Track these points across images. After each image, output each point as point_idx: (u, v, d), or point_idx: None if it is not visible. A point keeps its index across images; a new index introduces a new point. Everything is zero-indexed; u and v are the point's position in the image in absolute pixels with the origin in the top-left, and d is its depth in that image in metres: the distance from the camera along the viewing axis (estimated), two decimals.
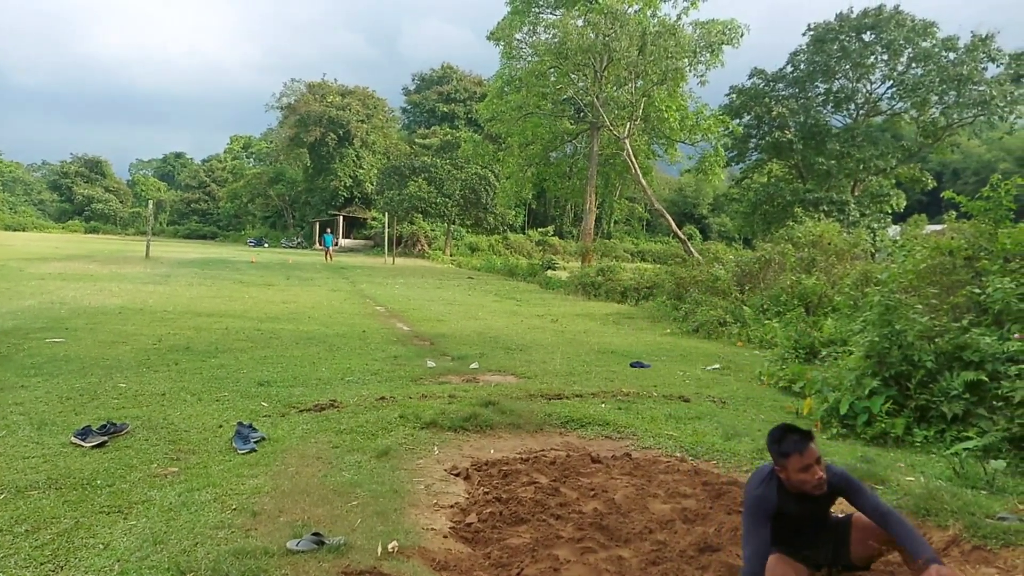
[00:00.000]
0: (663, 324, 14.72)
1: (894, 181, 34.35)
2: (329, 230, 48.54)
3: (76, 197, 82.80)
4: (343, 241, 57.75)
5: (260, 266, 29.74)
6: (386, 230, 43.35)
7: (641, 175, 29.35)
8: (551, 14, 32.14)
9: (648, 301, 18.35)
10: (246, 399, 6.52)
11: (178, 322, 11.45)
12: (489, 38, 32.27)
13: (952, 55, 30.06)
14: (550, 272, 30.44)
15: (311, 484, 4.36)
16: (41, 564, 3.19)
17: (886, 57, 31.67)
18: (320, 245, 50.37)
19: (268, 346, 9.58)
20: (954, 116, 30.37)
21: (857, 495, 2.95)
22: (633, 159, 28.70)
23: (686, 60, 27.48)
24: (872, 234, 25.37)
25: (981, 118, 30.08)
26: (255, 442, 5.08)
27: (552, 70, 29.80)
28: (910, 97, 31.02)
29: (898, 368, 6.09)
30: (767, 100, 33.26)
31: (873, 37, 31.62)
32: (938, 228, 13.33)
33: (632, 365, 9.42)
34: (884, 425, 5.88)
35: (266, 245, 61.99)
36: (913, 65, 31.16)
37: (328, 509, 3.97)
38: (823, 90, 33.55)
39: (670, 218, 29.71)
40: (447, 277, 29.04)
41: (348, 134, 59.59)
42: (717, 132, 30.58)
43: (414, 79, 74.31)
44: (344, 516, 3.88)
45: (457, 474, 4.81)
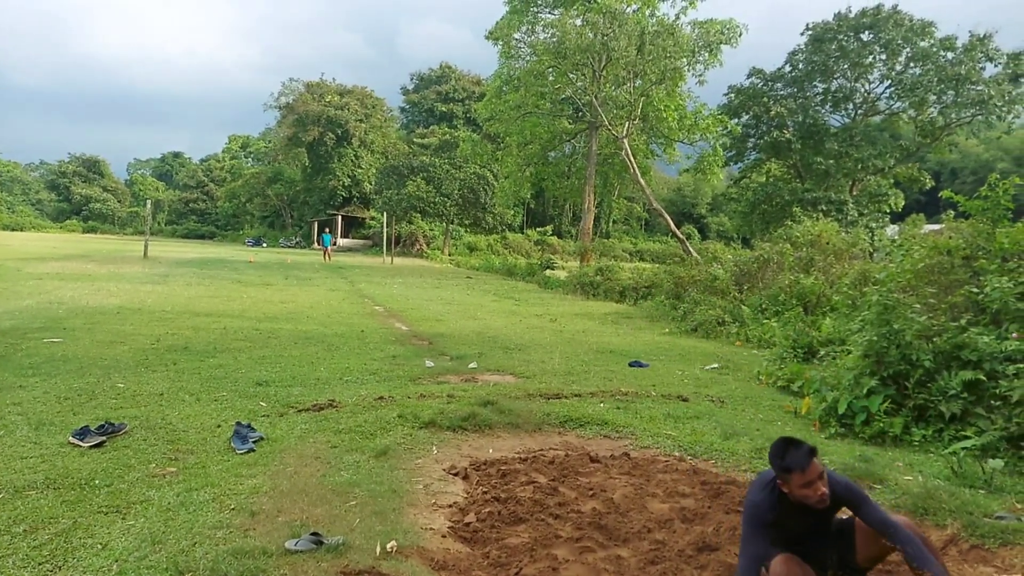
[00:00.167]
0: (662, 324, 14.73)
1: (892, 181, 34.38)
2: (327, 230, 48.51)
3: (74, 197, 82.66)
4: (341, 241, 57.72)
5: (258, 266, 29.72)
6: (384, 230, 43.32)
7: (639, 175, 29.36)
8: (549, 14, 32.11)
9: (647, 301, 18.35)
10: (244, 399, 6.52)
11: (176, 322, 11.44)
12: (487, 38, 32.25)
13: (950, 55, 30.10)
14: (549, 272, 30.43)
15: (309, 484, 4.36)
16: (39, 564, 3.19)
17: (884, 57, 31.69)
18: (318, 245, 50.35)
19: (266, 346, 9.57)
20: (952, 116, 30.40)
21: (862, 507, 2.90)
22: (631, 159, 28.70)
23: (684, 60, 27.47)
24: (870, 233, 25.44)
25: (979, 118, 30.11)
26: (253, 442, 5.08)
27: (550, 70, 29.79)
28: (908, 97, 31.04)
29: (896, 367, 6.10)
30: (765, 100, 33.27)
31: (871, 37, 31.64)
32: (936, 227, 13.37)
33: (631, 364, 9.42)
34: (882, 424, 5.88)
35: (264, 245, 61.92)
36: (911, 65, 31.19)
37: (327, 509, 3.97)
38: (821, 90, 33.56)
39: (668, 218, 29.72)
40: (446, 277, 29.03)
41: (346, 134, 59.54)
42: (715, 132, 30.60)
43: (412, 79, 74.26)
44: (343, 516, 3.88)
45: (456, 474, 4.81)
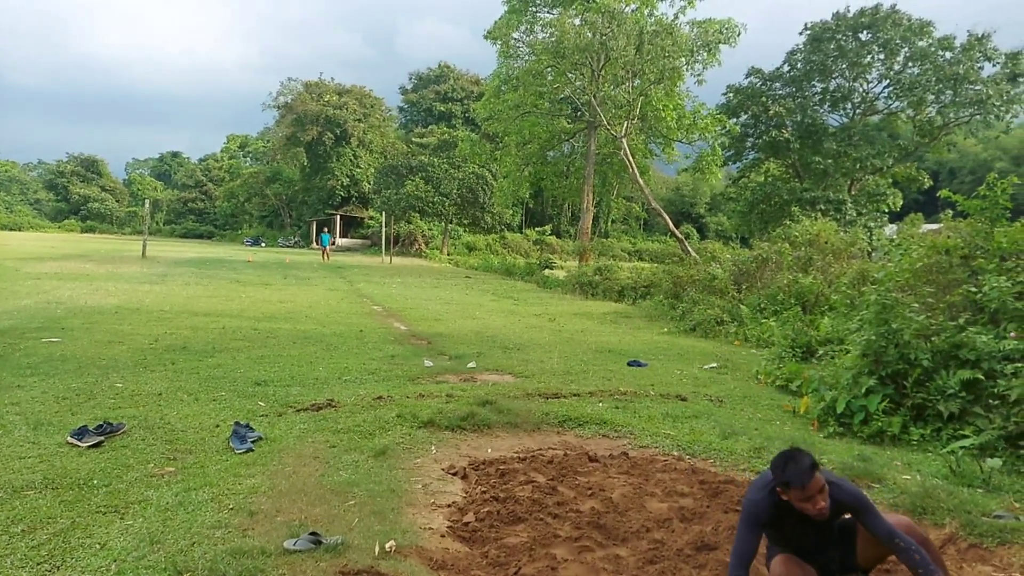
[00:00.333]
0: (660, 323, 14.73)
1: (891, 180, 34.42)
2: (326, 229, 48.43)
3: (72, 196, 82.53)
4: (340, 240, 57.70)
5: (257, 265, 29.70)
6: (383, 229, 43.30)
7: (638, 174, 29.35)
8: (548, 13, 32.06)
9: (645, 300, 18.36)
10: (243, 399, 6.51)
11: (175, 322, 11.43)
12: (486, 37, 32.22)
13: (948, 54, 30.13)
14: (547, 271, 30.43)
15: (308, 484, 4.35)
16: (38, 564, 3.18)
17: (883, 56, 31.72)
18: (317, 244, 50.32)
19: (265, 346, 9.57)
20: (950, 115, 30.45)
21: (867, 517, 2.86)
22: (630, 158, 28.70)
23: (683, 59, 27.45)
24: (869, 233, 25.45)
25: (977, 117, 30.15)
26: (252, 442, 5.08)
27: (549, 69, 29.76)
28: (907, 96, 31.08)
29: (895, 367, 6.11)
30: (764, 99, 33.30)
31: (870, 36, 31.67)
32: (934, 227, 13.38)
33: (629, 364, 9.42)
34: (881, 423, 5.89)
35: (263, 244, 61.88)
36: (910, 64, 31.23)
37: (325, 509, 3.96)
38: (820, 89, 33.60)
39: (667, 217, 29.72)
40: (444, 276, 29.03)
41: (345, 133, 59.50)
42: (714, 131, 30.58)
43: (411, 78, 74.13)
44: (341, 515, 3.88)
45: (454, 473, 4.81)
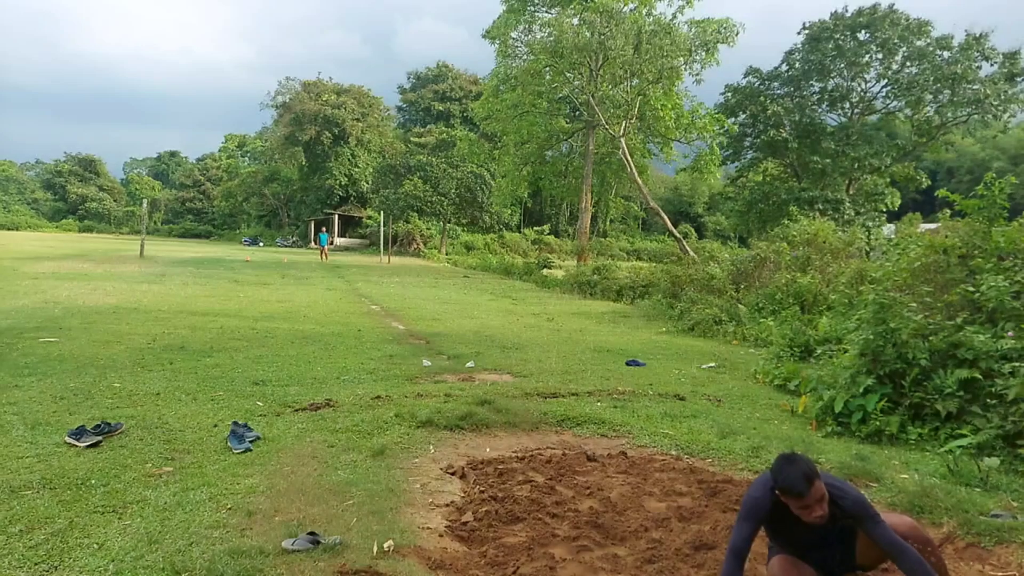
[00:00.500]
0: (659, 323, 14.74)
1: (889, 180, 34.49)
2: (324, 229, 48.38)
3: (70, 196, 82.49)
4: (338, 240, 57.67)
5: (255, 265, 29.67)
6: (381, 229, 43.27)
7: (637, 174, 29.35)
8: (547, 13, 32.05)
9: (644, 300, 18.35)
10: (241, 398, 6.51)
11: (173, 321, 11.42)
12: (484, 37, 32.23)
13: (946, 54, 30.19)
14: (546, 271, 30.44)
15: (307, 483, 4.35)
16: (35, 564, 3.18)
17: (881, 56, 31.78)
18: (315, 244, 50.28)
19: (263, 345, 9.56)
20: (948, 115, 30.50)
21: (868, 524, 2.81)
22: (629, 158, 28.70)
23: (681, 59, 27.45)
24: (867, 232, 25.39)
25: (975, 117, 30.23)
26: (250, 441, 5.07)
27: (547, 69, 29.74)
28: (905, 96, 31.15)
29: (893, 366, 6.11)
30: (762, 99, 33.33)
31: (868, 36, 31.73)
32: (932, 226, 13.39)
33: (628, 364, 9.42)
34: (879, 423, 5.90)
35: (261, 244, 61.86)
36: (908, 64, 31.29)
37: (324, 508, 3.96)
38: (818, 89, 33.66)
39: (666, 217, 29.73)
40: (443, 276, 29.02)
41: (343, 133, 59.46)
42: (713, 131, 30.57)
43: (409, 78, 74.12)
44: (340, 515, 3.87)
45: (453, 473, 4.81)
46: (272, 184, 68.89)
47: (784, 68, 33.82)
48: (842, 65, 32.45)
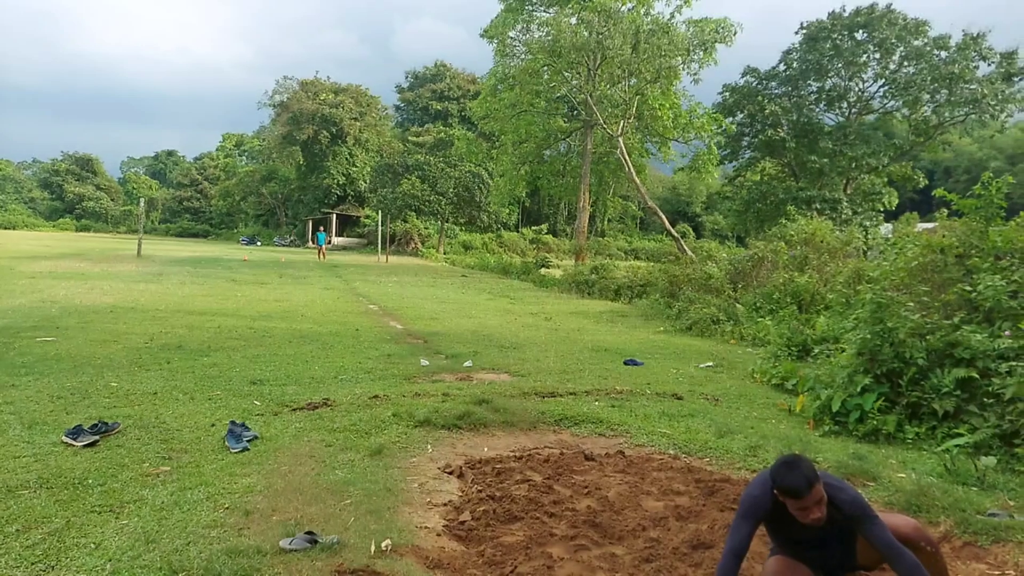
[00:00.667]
0: (656, 322, 14.74)
1: (886, 179, 34.52)
2: (322, 228, 48.35)
3: (67, 195, 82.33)
4: (336, 239, 57.61)
5: (252, 264, 29.63)
6: (379, 228, 43.26)
7: (635, 173, 29.35)
8: (544, 12, 32.03)
9: (641, 299, 18.36)
10: (239, 398, 6.50)
11: (170, 320, 11.40)
12: (483, 36, 32.18)
13: (944, 54, 30.21)
14: (544, 270, 30.43)
15: (304, 483, 4.35)
16: (32, 564, 3.17)
17: (878, 55, 31.81)
18: (313, 243, 50.21)
19: (261, 344, 9.55)
20: (946, 114, 30.53)
21: (866, 525, 2.80)
22: (627, 157, 28.70)
23: (679, 58, 27.44)
24: (864, 232, 25.48)
25: (972, 116, 30.26)
26: (248, 441, 5.07)
27: (545, 68, 29.72)
28: (902, 95, 31.18)
29: (890, 365, 6.12)
30: (760, 98, 33.34)
31: (865, 36, 31.75)
32: (930, 226, 13.38)
33: (625, 363, 9.43)
34: (876, 422, 5.91)
35: (259, 243, 61.78)
36: (905, 64, 31.32)
37: (321, 508, 3.96)
38: (816, 88, 33.67)
39: (663, 216, 29.73)
40: (441, 275, 29.01)
41: (341, 132, 59.39)
42: (710, 130, 30.58)
43: (407, 77, 74.11)
44: (337, 515, 3.87)
45: (451, 472, 4.81)
46: (270, 183, 68.79)
47: (782, 68, 33.83)
48: (840, 65, 32.47)
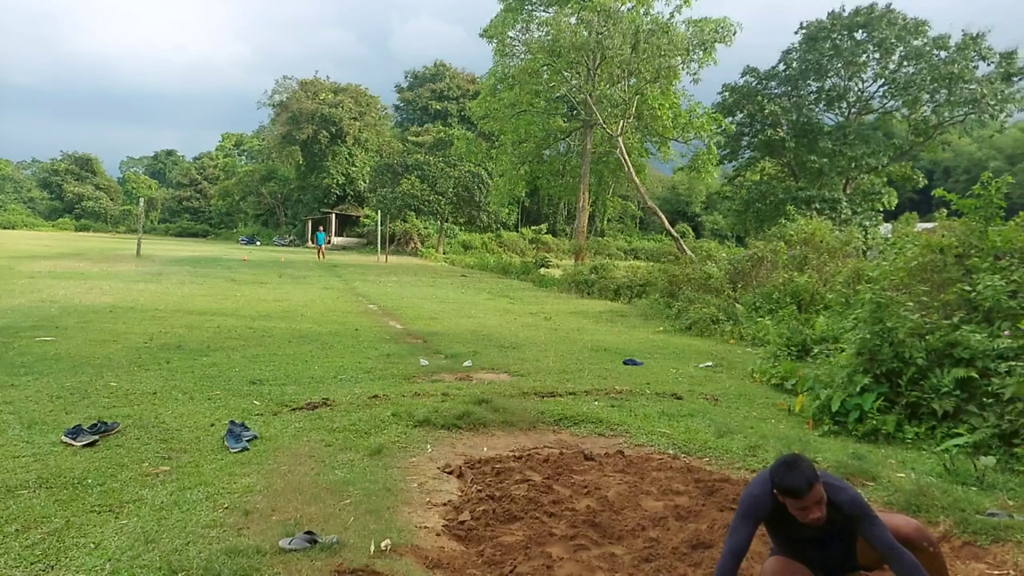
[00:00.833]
0: (656, 322, 14.74)
1: (886, 179, 34.53)
2: (322, 228, 48.37)
3: (66, 195, 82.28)
4: (336, 239, 57.61)
5: (252, 264, 29.63)
6: (379, 228, 43.26)
7: (634, 173, 29.34)
8: (544, 11, 32.04)
9: (641, 299, 18.35)
10: (238, 397, 6.50)
11: (169, 320, 11.40)
12: (482, 35, 32.19)
13: (943, 54, 30.23)
14: (543, 270, 30.43)
15: (304, 482, 4.35)
16: (32, 563, 3.17)
17: (878, 55, 31.82)
18: (313, 243, 50.20)
19: (260, 344, 9.55)
20: (945, 114, 30.55)
21: (865, 525, 2.79)
22: (626, 157, 28.70)
23: (679, 58, 27.44)
24: (864, 232, 25.53)
25: (972, 116, 30.27)
26: (247, 441, 5.07)
27: (545, 68, 29.72)
28: (902, 95, 31.19)
29: (889, 365, 6.12)
30: (760, 98, 33.35)
31: (865, 36, 31.76)
32: (929, 226, 13.39)
33: (625, 363, 9.43)
34: (875, 422, 5.91)
35: (258, 243, 61.77)
36: (905, 63, 31.33)
37: (321, 507, 3.96)
38: (815, 88, 33.68)
39: (663, 216, 29.73)
40: (440, 275, 29.00)
41: (341, 132, 59.37)
42: (710, 130, 30.58)
43: (407, 76, 74.12)
44: (337, 514, 3.87)
45: (450, 472, 4.81)
46: (269, 183, 68.79)
47: (781, 68, 33.84)
48: (839, 65, 32.48)
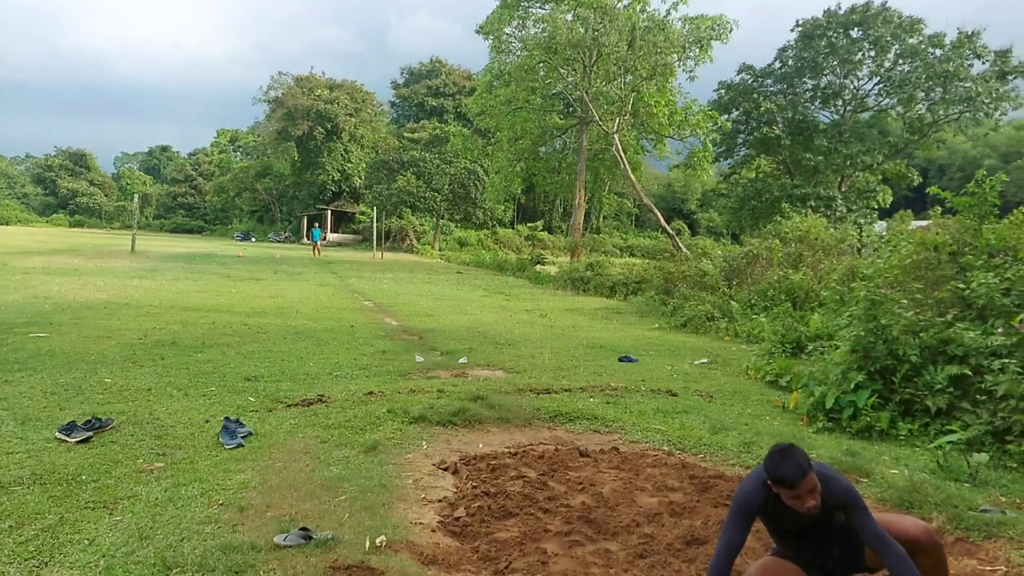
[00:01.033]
0: (651, 319, 14.76)
1: (880, 177, 34.61)
2: (317, 224, 48.26)
3: (60, 191, 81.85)
4: (331, 235, 57.46)
5: (247, 260, 29.55)
6: (374, 224, 43.17)
7: (630, 170, 29.36)
8: (540, 8, 32.00)
9: (636, 296, 18.37)
10: (233, 394, 6.49)
11: (164, 317, 11.37)
12: (478, 32, 32.15)
13: (938, 52, 30.32)
14: (539, 267, 30.43)
15: (299, 479, 4.34)
16: (26, 560, 3.17)
17: (873, 53, 31.89)
18: (308, 239, 50.12)
19: (255, 341, 9.53)
20: (940, 112, 30.65)
21: (856, 515, 2.80)
22: (622, 154, 28.71)
23: (675, 55, 27.48)
24: (858, 229, 25.57)
25: (967, 114, 30.39)
26: (242, 437, 5.06)
27: (541, 65, 29.73)
28: (897, 93, 31.26)
29: (883, 362, 6.15)
30: (755, 96, 33.38)
31: (860, 33, 31.83)
32: (923, 224, 13.43)
33: (620, 360, 9.44)
34: (869, 419, 5.93)
35: (253, 239, 61.56)
36: (900, 61, 31.41)
37: (316, 504, 3.96)
38: (811, 86, 33.74)
39: (659, 213, 29.74)
40: (436, 272, 28.98)
41: (336, 128, 59.18)
42: (706, 127, 30.62)
43: (403, 73, 73.86)
44: (332, 511, 3.87)
45: (445, 468, 4.81)
46: (264, 179, 68.53)
47: (777, 65, 33.88)
48: (835, 62, 32.54)
